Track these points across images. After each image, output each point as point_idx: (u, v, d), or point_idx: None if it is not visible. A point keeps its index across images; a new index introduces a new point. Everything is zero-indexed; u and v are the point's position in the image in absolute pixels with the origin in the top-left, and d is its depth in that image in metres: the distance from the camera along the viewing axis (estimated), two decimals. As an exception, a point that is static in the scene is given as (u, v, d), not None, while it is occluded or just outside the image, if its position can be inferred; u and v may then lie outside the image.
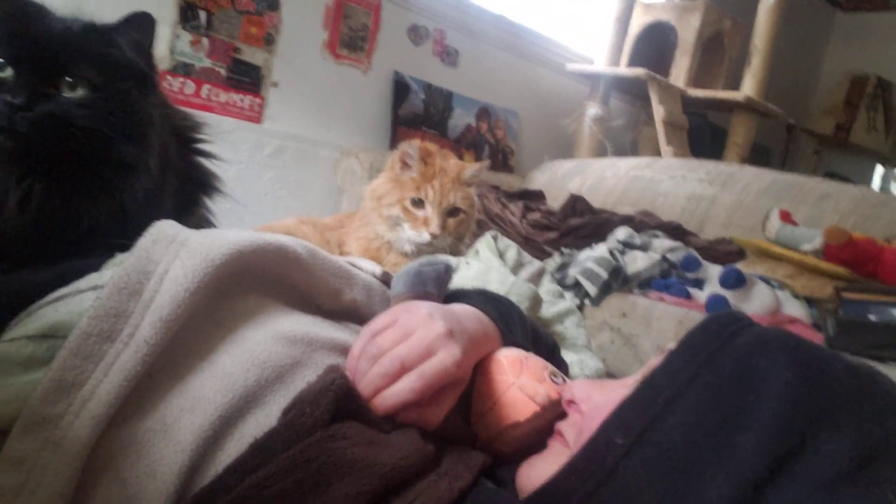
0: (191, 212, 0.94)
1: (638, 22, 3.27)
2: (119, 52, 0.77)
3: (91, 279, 0.61)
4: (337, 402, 0.52)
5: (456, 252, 1.39)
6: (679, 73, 3.12)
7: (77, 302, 0.58)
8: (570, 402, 0.60)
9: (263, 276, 0.64)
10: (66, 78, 0.75)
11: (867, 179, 5.40)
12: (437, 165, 1.40)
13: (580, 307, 1.75)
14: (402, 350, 0.57)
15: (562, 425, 0.59)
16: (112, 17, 0.82)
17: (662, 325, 1.63)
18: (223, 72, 2.33)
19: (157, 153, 0.81)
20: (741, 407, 0.48)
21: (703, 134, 3.58)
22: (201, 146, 0.98)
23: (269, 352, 0.56)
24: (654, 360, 0.58)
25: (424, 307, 0.62)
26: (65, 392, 0.50)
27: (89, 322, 0.53)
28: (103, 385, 0.51)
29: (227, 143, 2.28)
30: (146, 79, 0.81)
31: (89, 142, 0.75)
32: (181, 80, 2.24)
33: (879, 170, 5.51)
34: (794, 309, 1.61)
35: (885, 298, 1.47)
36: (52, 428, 0.49)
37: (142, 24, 0.80)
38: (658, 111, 2.91)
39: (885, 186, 5.53)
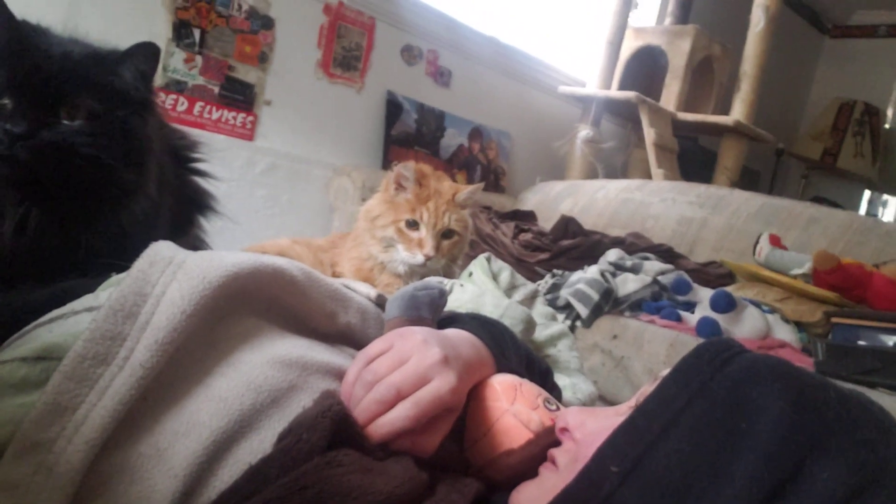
0: (186, 231, 0.94)
1: (629, 46, 3.31)
2: (120, 80, 0.77)
3: (86, 300, 0.60)
4: (334, 429, 0.52)
5: (449, 274, 1.39)
6: (670, 97, 3.15)
7: (72, 324, 0.57)
8: (564, 429, 0.60)
9: (259, 299, 0.64)
10: (66, 105, 0.74)
11: (855, 204, 5.44)
12: (432, 187, 1.40)
13: (571, 329, 1.75)
14: (397, 377, 0.57)
15: (555, 453, 0.59)
16: (104, 32, 0.82)
17: (653, 347, 1.63)
18: (216, 89, 2.34)
19: (155, 175, 0.80)
20: (735, 435, 0.48)
21: (693, 157, 3.61)
22: (197, 165, 0.98)
23: (264, 376, 0.56)
24: (647, 387, 0.58)
25: (419, 333, 0.61)
26: (58, 416, 0.50)
27: (84, 345, 0.52)
28: (97, 409, 0.50)
29: (219, 161, 2.28)
30: (146, 105, 0.81)
31: (89, 168, 0.74)
32: (174, 97, 2.25)
33: (867, 194, 5.56)
34: (785, 333, 1.62)
35: (875, 324, 1.48)
36: (45, 452, 0.48)
37: (146, 55, 0.80)
38: (649, 134, 2.94)
39: (872, 211, 5.58)
